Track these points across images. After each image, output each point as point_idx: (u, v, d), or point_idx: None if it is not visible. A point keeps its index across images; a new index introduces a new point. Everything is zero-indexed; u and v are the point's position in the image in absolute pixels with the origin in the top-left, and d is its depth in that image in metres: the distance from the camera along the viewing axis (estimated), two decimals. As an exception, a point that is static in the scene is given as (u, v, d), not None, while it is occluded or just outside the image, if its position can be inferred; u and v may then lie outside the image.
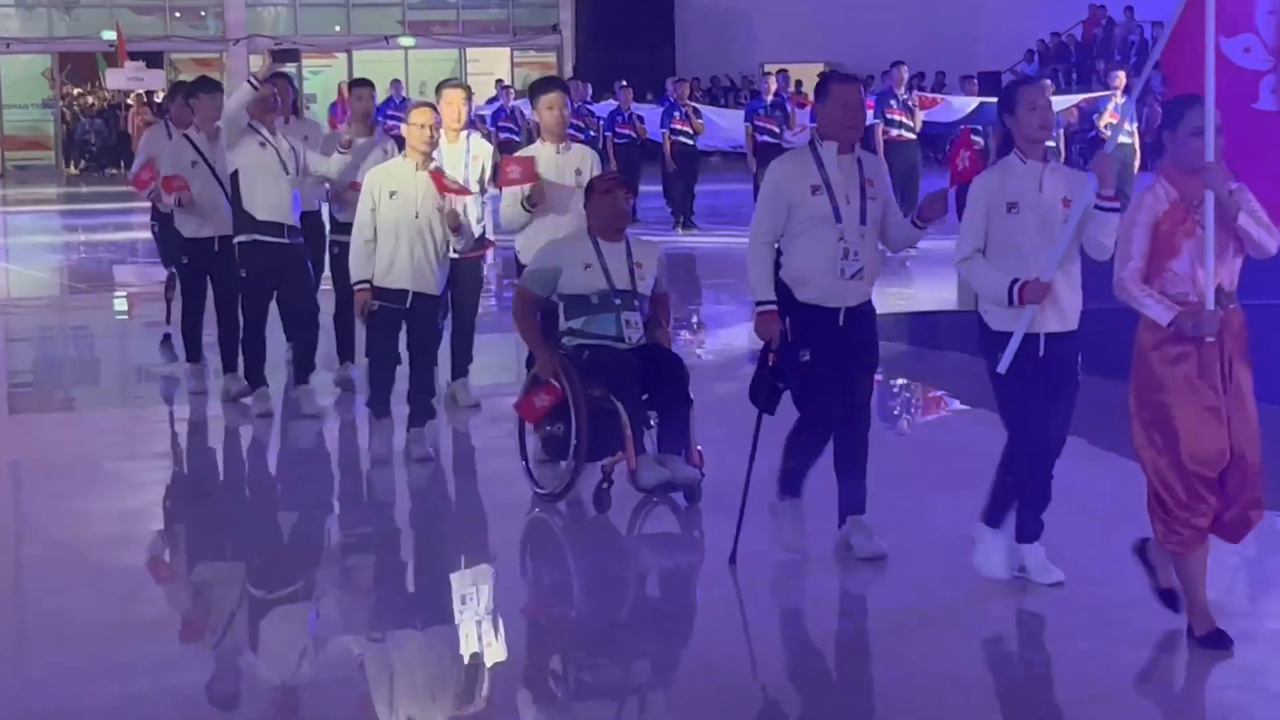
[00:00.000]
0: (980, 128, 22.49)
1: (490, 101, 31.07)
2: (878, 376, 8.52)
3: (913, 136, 22.19)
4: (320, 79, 41.14)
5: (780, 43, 41.92)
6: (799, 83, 29.65)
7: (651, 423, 8.90)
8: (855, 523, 7.92)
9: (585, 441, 8.77)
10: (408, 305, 9.93)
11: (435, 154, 10.16)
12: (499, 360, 13.31)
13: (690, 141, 24.78)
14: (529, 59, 45.71)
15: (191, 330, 12.46)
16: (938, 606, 7.38)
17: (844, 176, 7.75)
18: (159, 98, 42.78)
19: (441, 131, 10.38)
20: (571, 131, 11.68)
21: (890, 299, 8.54)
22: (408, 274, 9.91)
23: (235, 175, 11.19)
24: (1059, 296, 7.21)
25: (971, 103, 24.40)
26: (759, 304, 7.83)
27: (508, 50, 45.50)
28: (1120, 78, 21.49)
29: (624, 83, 26.59)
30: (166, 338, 13.31)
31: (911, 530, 8.31)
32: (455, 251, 10.32)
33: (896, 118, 21.98)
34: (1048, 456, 7.32)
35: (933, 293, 16.75)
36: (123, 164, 43.01)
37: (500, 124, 28.59)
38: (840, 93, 7.77)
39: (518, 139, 26.81)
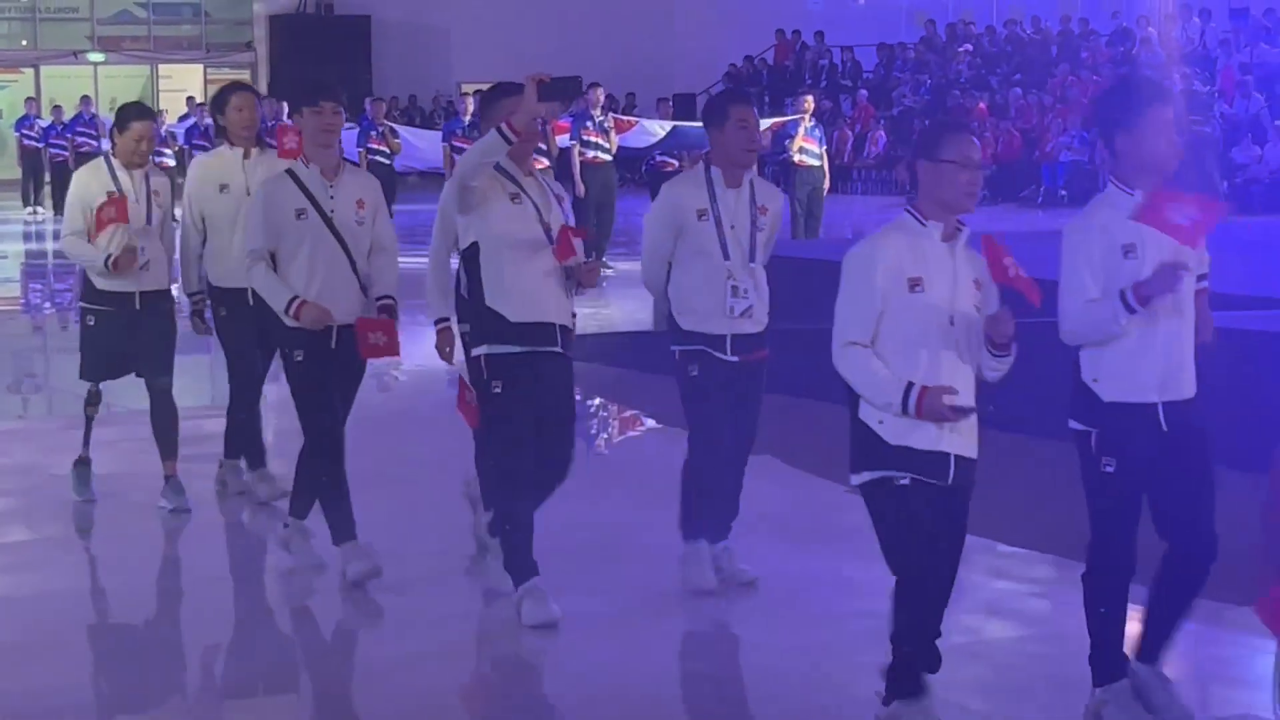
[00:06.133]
0: (676, 153, 22.82)
1: (183, 119, 30.72)
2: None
3: (609, 159, 22.38)
4: (6, 94, 40.03)
5: (477, 63, 42.01)
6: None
7: None
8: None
9: None
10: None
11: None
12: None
13: (387, 161, 24.69)
14: (222, 76, 45.04)
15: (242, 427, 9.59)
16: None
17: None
18: None
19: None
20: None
21: (585, 320, 8.39)
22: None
23: (473, 250, 7.22)
24: None
25: (666, 125, 24.72)
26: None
27: (201, 67, 44.89)
28: (809, 102, 21.95)
29: (320, 101, 26.37)
30: (81, 463, 9.57)
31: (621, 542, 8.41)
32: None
33: (593, 139, 22.15)
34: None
35: (628, 314, 16.94)
36: None
37: (195, 141, 28.21)
38: None
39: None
